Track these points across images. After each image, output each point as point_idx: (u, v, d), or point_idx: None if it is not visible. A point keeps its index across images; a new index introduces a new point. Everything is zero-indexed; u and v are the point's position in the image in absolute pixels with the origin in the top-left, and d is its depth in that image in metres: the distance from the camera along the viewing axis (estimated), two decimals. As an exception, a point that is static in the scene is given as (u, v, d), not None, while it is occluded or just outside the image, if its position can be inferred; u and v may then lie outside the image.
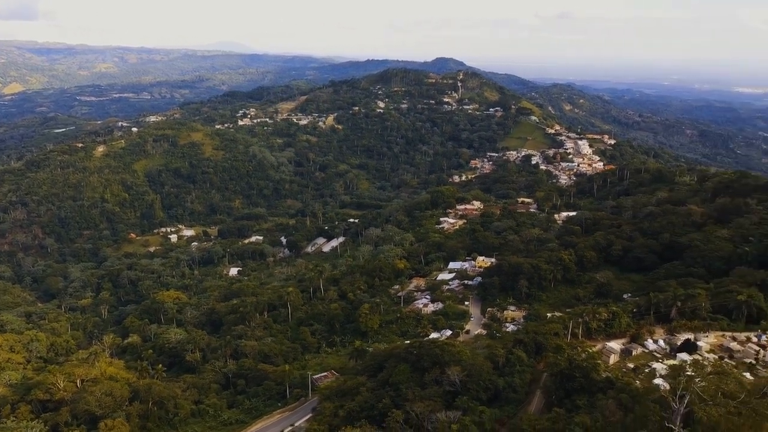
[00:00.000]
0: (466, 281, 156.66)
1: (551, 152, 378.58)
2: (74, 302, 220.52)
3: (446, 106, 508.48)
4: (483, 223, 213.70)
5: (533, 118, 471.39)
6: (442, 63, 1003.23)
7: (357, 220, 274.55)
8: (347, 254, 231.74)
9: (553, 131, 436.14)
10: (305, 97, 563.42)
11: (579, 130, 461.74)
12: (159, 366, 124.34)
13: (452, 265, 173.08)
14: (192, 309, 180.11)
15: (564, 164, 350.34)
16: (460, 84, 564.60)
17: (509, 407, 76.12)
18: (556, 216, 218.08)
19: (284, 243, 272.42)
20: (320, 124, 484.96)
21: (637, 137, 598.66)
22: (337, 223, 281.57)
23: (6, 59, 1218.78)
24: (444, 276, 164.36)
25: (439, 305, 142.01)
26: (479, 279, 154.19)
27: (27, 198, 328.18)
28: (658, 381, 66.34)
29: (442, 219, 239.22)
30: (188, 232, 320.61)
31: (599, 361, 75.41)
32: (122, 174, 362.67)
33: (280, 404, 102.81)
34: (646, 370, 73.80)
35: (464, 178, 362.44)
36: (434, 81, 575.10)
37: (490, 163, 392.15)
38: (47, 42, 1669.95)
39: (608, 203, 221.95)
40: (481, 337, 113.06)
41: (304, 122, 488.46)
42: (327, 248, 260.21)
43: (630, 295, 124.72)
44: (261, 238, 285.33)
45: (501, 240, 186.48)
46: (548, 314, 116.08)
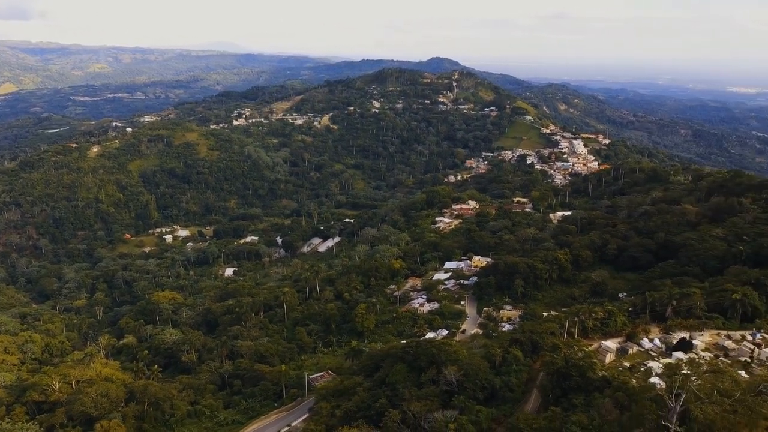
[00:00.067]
0: (462, 281, 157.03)
1: (546, 152, 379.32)
2: (69, 303, 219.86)
3: (441, 106, 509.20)
4: (479, 223, 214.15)
5: (528, 117, 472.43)
6: (437, 63, 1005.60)
7: (353, 220, 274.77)
8: (343, 254, 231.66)
9: (548, 131, 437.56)
10: (300, 97, 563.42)
11: (574, 130, 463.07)
12: (155, 367, 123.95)
13: (448, 264, 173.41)
14: (187, 309, 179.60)
15: (559, 164, 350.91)
16: (455, 84, 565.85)
17: (506, 406, 76.15)
18: (552, 215, 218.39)
19: (280, 243, 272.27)
20: (315, 123, 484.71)
21: (631, 137, 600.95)
22: (332, 223, 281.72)
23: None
24: (440, 276, 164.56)
25: (435, 305, 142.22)
26: (475, 278, 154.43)
27: (21, 199, 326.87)
28: (654, 379, 66.32)
29: (437, 219, 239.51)
30: (183, 233, 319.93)
31: (595, 360, 75.65)
32: (117, 174, 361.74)
33: (277, 404, 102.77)
34: (642, 369, 73.87)
35: (460, 177, 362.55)
36: (429, 81, 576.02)
37: (486, 162, 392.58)
38: (41, 42, 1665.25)
39: (603, 203, 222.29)
40: (477, 337, 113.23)
41: (299, 122, 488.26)
42: (323, 248, 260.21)
43: (625, 294, 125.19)
44: (256, 238, 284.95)
45: (497, 239, 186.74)
46: (544, 313, 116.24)
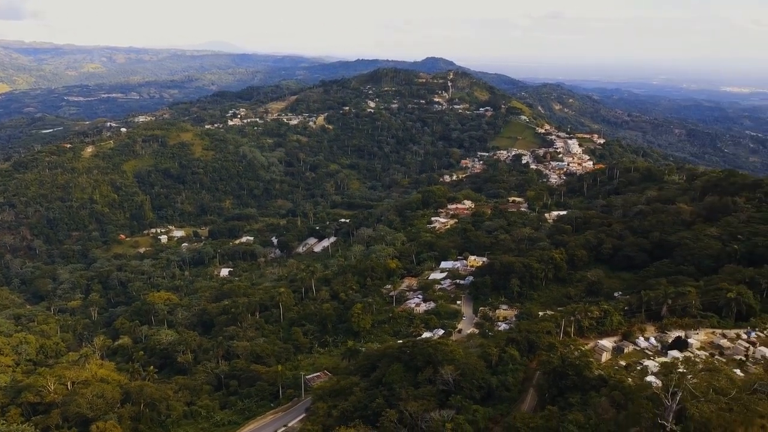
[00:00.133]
0: (457, 280, 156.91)
1: (541, 152, 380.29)
2: (63, 304, 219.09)
3: (436, 106, 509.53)
4: (474, 223, 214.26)
5: (523, 117, 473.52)
6: (432, 63, 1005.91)
7: (348, 220, 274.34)
8: (339, 254, 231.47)
9: (543, 131, 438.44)
10: (295, 96, 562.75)
11: (569, 130, 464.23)
12: (150, 367, 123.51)
13: (444, 264, 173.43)
14: (183, 310, 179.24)
15: (554, 163, 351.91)
16: (450, 84, 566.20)
17: (502, 406, 76.25)
18: (547, 215, 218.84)
19: (275, 243, 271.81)
20: (311, 123, 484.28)
21: (626, 136, 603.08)
22: (328, 223, 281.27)
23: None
24: (436, 275, 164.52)
25: (431, 305, 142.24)
26: (471, 278, 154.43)
27: (15, 199, 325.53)
28: (650, 378, 66.53)
29: (433, 218, 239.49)
30: (178, 233, 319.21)
31: (591, 359, 75.81)
32: (111, 175, 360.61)
33: (273, 405, 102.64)
34: (638, 368, 73.99)
35: (455, 177, 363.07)
36: (424, 81, 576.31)
37: (481, 162, 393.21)
38: (34, 42, 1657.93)
39: (598, 202, 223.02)
40: (473, 336, 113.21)
41: (294, 122, 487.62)
42: (318, 248, 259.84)
43: (621, 293, 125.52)
44: (252, 238, 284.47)
45: (492, 239, 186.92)
46: (540, 313, 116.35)
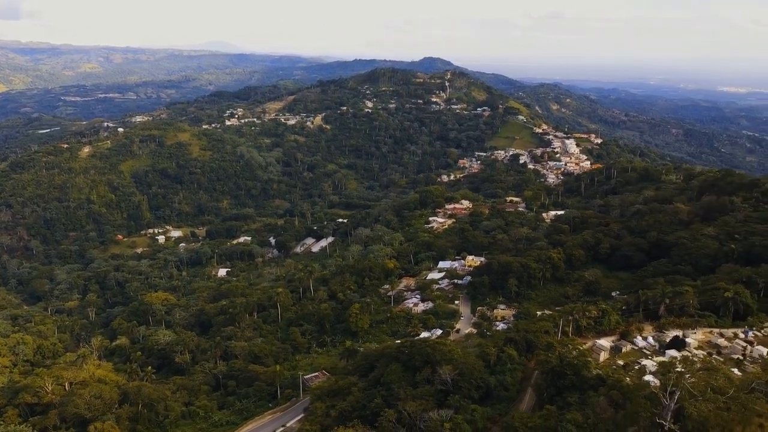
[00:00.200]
0: (455, 280, 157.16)
1: (539, 151, 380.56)
2: (61, 304, 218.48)
3: (434, 106, 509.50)
4: (472, 223, 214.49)
5: (521, 117, 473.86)
6: (429, 63, 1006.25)
7: (346, 220, 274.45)
8: (336, 254, 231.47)
9: (540, 131, 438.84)
10: (293, 96, 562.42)
11: (566, 130, 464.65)
12: (148, 368, 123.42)
13: (442, 264, 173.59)
14: (181, 310, 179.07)
15: (552, 163, 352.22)
16: (447, 84, 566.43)
17: (501, 405, 76.31)
18: (545, 215, 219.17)
19: (273, 243, 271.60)
20: (308, 123, 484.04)
21: (623, 136, 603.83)
22: (326, 223, 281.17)
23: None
24: (434, 275, 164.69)
25: (429, 304, 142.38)
26: (469, 278, 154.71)
27: (11, 199, 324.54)
28: (648, 377, 66.68)
29: (431, 218, 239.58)
30: (176, 233, 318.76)
31: (590, 359, 75.84)
32: (108, 175, 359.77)
33: (271, 405, 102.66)
34: (636, 367, 74.11)
35: (453, 177, 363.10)
36: (422, 81, 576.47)
37: (479, 162, 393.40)
38: (31, 42, 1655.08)
39: (596, 202, 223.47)
40: (471, 336, 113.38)
41: (291, 122, 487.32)
42: (316, 248, 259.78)
43: (618, 292, 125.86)
44: (249, 238, 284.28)
45: (490, 239, 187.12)
46: (538, 312, 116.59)
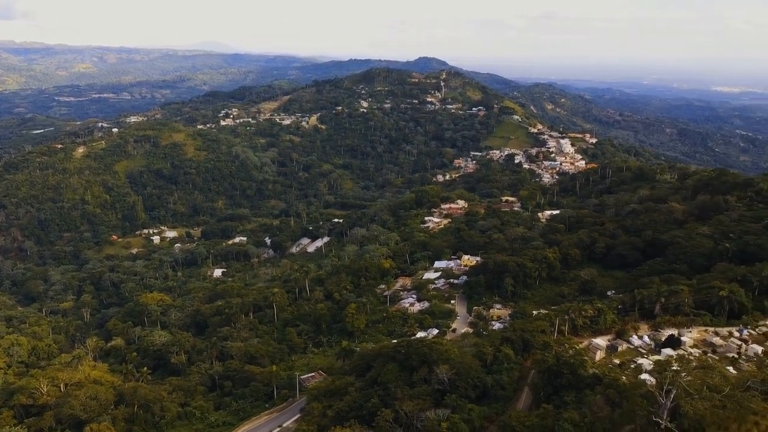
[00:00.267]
0: (451, 280, 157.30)
1: (534, 151, 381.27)
2: (55, 306, 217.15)
3: (429, 106, 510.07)
4: (468, 222, 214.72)
5: (516, 117, 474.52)
6: (424, 62, 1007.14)
7: (342, 220, 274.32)
8: (332, 254, 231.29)
9: (535, 130, 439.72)
10: (288, 96, 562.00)
11: (561, 129, 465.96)
12: (144, 369, 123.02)
13: (438, 264, 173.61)
14: (176, 311, 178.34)
15: (547, 163, 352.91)
16: (443, 83, 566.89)
17: (498, 404, 76.42)
18: (540, 214, 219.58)
19: (268, 243, 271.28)
20: (303, 123, 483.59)
21: (618, 136, 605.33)
22: (321, 223, 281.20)
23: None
24: (430, 275, 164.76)
25: (426, 304, 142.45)
26: (465, 278, 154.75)
27: (5, 200, 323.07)
28: (644, 376, 66.92)
29: (426, 218, 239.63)
30: (171, 234, 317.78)
31: (586, 358, 76.03)
32: (103, 175, 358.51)
33: (268, 405, 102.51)
34: (632, 366, 74.35)
35: (448, 177, 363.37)
36: (417, 81, 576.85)
37: (474, 162, 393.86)
38: (25, 42, 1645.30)
39: (591, 201, 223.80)
40: (468, 336, 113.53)
41: (287, 122, 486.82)
42: (312, 248, 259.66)
43: (614, 291, 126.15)
44: (245, 238, 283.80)
45: (486, 239, 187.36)
46: (534, 312, 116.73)
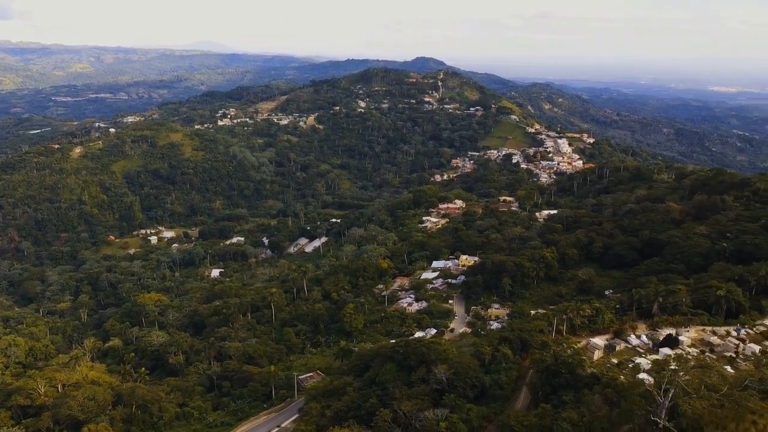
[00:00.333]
0: (449, 280, 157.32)
1: (532, 151, 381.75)
2: (52, 306, 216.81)
3: (427, 106, 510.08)
4: (465, 222, 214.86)
5: (513, 117, 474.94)
6: (422, 62, 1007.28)
7: (339, 220, 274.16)
8: (330, 254, 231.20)
9: (533, 130, 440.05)
10: (286, 96, 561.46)
11: (558, 129, 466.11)
12: (142, 369, 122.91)
13: (436, 264, 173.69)
14: (174, 311, 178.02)
15: (544, 163, 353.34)
16: (440, 83, 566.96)
17: (496, 404, 76.50)
18: (538, 214, 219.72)
19: (266, 244, 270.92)
20: (301, 123, 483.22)
21: (615, 136, 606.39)
22: (319, 223, 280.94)
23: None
24: (428, 275, 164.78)
25: (424, 304, 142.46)
26: (463, 277, 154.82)
27: (2, 200, 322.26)
28: (642, 376, 67.04)
29: (424, 218, 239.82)
30: (168, 234, 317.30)
31: (584, 357, 76.19)
32: (100, 175, 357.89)
33: (266, 405, 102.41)
34: (630, 365, 74.53)
35: (446, 177, 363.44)
36: (415, 80, 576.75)
37: (472, 162, 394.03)
38: (21, 42, 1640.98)
39: (588, 201, 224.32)
40: (466, 335, 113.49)
41: (284, 122, 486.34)
42: (309, 248, 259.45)
43: (611, 291, 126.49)
44: (242, 238, 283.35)
45: (484, 238, 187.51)
46: (532, 311, 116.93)
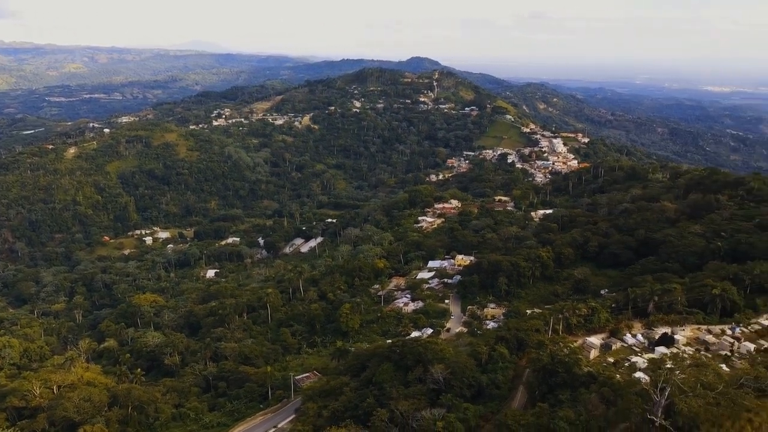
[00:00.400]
0: (445, 279, 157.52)
1: (527, 151, 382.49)
2: (47, 307, 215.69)
3: (422, 106, 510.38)
4: (461, 222, 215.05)
5: (508, 117, 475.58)
6: (417, 62, 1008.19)
7: (335, 220, 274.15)
8: (326, 254, 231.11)
9: (528, 130, 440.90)
10: (281, 96, 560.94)
11: (553, 129, 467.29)
12: (137, 370, 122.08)
13: (432, 263, 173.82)
14: (169, 312, 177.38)
15: (539, 162, 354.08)
16: (435, 83, 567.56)
17: (493, 403, 76.59)
18: (533, 214, 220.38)
19: (262, 244, 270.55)
20: (296, 124, 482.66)
21: (610, 135, 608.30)
22: (314, 223, 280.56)
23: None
24: (424, 275, 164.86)
25: (420, 304, 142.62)
26: (459, 277, 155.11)
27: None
28: (638, 374, 67.29)
29: (420, 218, 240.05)
30: (163, 234, 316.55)
31: (580, 356, 76.29)
32: (94, 176, 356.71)
33: (263, 406, 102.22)
34: (626, 364, 74.81)
35: (441, 177, 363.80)
36: (410, 80, 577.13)
37: (467, 161, 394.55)
38: (14, 41, 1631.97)
39: (584, 201, 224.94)
40: (462, 335, 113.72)
41: (279, 122, 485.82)
42: (305, 249, 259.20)
43: (607, 290, 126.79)
44: (238, 239, 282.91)
45: (479, 238, 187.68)
46: (528, 311, 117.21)
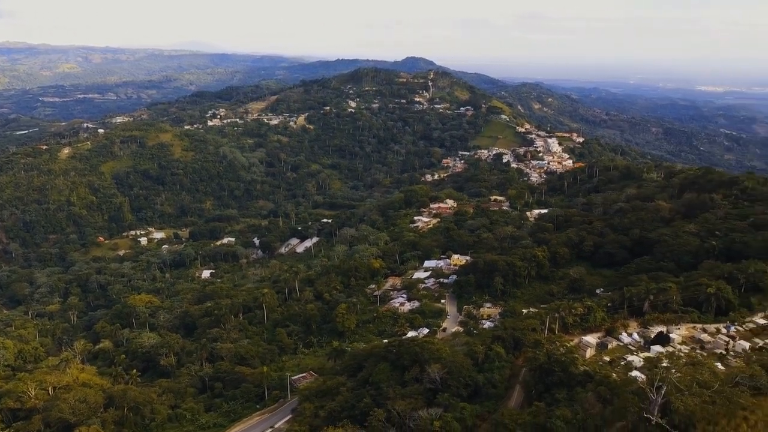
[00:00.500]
0: (441, 279, 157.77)
1: (522, 150, 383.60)
2: (42, 308, 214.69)
3: (417, 106, 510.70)
4: (457, 222, 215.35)
5: (503, 116, 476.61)
6: (412, 62, 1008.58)
7: (330, 220, 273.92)
8: (322, 254, 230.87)
9: (523, 130, 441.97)
10: (276, 96, 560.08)
11: (548, 129, 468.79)
12: (133, 371, 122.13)
13: (427, 263, 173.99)
14: (165, 312, 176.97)
15: (535, 162, 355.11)
16: (431, 83, 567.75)
17: (489, 403, 76.71)
18: (529, 213, 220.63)
19: (257, 244, 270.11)
20: (291, 124, 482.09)
21: (604, 135, 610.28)
22: (310, 223, 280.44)
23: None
24: (419, 275, 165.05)
25: (416, 304, 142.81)
26: (454, 277, 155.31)
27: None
28: (634, 373, 67.61)
29: (416, 218, 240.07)
30: (158, 235, 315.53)
31: (577, 355, 76.59)
32: (89, 176, 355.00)
33: (259, 406, 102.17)
34: (622, 363, 75.06)
35: (437, 177, 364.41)
36: (405, 80, 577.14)
37: (462, 161, 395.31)
38: (7, 41, 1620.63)
39: (579, 200, 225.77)
40: (458, 335, 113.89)
41: (274, 122, 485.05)
42: (301, 249, 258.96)
43: (602, 289, 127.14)
44: (233, 239, 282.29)
45: (475, 238, 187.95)
46: (524, 310, 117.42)
